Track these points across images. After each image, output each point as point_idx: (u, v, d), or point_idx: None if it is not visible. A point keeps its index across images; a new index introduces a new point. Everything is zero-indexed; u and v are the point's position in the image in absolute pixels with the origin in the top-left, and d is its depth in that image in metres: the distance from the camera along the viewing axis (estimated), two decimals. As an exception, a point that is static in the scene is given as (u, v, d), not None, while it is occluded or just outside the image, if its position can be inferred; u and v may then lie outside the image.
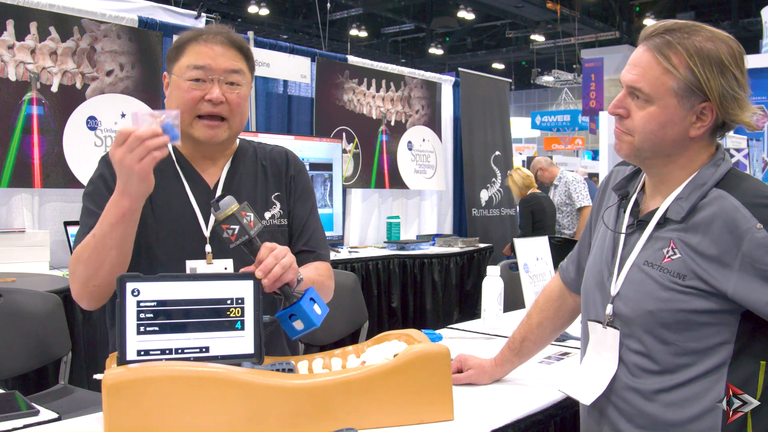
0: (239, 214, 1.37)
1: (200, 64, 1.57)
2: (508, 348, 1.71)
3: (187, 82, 1.57)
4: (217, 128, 1.59)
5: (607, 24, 18.02)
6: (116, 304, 1.26)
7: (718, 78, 1.26)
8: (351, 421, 1.33)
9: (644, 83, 1.29)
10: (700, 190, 1.30)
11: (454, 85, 6.72)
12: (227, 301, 1.32)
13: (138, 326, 1.26)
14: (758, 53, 12.52)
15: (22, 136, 3.69)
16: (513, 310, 2.62)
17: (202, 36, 1.60)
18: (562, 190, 6.10)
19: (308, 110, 5.42)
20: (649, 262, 1.33)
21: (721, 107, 1.28)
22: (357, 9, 17.16)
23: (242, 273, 1.35)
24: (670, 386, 1.31)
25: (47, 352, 2.51)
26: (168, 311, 1.29)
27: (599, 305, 1.42)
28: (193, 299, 1.31)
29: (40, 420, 1.47)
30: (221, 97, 1.57)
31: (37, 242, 3.52)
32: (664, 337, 1.30)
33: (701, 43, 1.27)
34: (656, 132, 1.30)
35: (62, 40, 3.84)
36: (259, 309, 1.34)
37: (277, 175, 1.74)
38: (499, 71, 20.66)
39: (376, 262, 4.86)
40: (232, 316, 1.32)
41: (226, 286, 1.33)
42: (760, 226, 1.22)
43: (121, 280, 1.26)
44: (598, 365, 1.41)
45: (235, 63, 1.60)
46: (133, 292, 1.26)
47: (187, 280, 1.32)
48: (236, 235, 1.37)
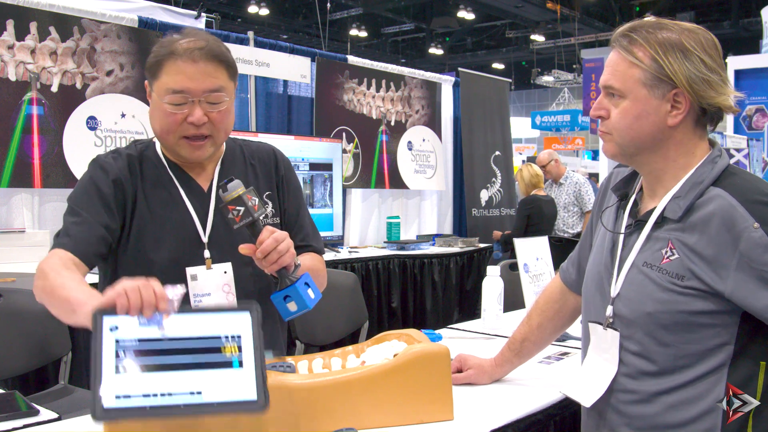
0: (245, 197, 1.41)
1: (179, 88, 1.51)
2: (508, 348, 1.71)
3: (168, 105, 1.53)
4: (202, 147, 1.58)
5: (607, 24, 18.02)
6: (91, 341, 1.08)
7: (683, 63, 1.27)
8: (351, 421, 1.33)
9: (614, 80, 1.32)
10: (697, 188, 1.29)
11: (454, 85, 6.72)
12: (221, 338, 1.14)
13: (117, 366, 1.07)
14: (758, 53, 12.52)
15: (22, 136, 3.69)
16: (513, 310, 2.62)
17: (179, 51, 1.52)
18: (571, 190, 6.08)
19: (308, 110, 5.42)
20: (648, 263, 1.32)
21: (691, 91, 1.28)
22: (357, 9, 17.16)
23: (237, 305, 1.25)
24: (670, 388, 1.30)
25: (47, 352, 2.51)
26: (152, 349, 1.10)
27: (599, 307, 1.41)
28: (181, 336, 1.13)
29: (40, 420, 1.47)
30: (203, 118, 1.54)
31: (37, 242, 3.52)
32: (663, 339, 1.30)
33: (664, 34, 1.30)
34: (633, 125, 1.32)
35: (62, 40, 3.84)
36: (260, 344, 1.15)
37: (266, 174, 1.74)
38: (499, 71, 20.66)
39: (376, 262, 4.86)
40: (228, 353, 1.14)
41: (219, 321, 1.16)
42: (757, 225, 1.22)
43: (97, 316, 1.10)
44: (599, 367, 1.41)
45: (215, 80, 1.54)
46: (111, 328, 1.10)
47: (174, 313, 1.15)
48: (241, 216, 1.41)
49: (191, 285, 1.59)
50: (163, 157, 1.65)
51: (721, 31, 18.15)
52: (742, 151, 10.01)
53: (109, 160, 1.61)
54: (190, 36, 1.56)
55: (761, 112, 12.16)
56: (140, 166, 1.62)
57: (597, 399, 1.39)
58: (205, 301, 1.60)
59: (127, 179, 1.60)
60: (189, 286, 1.59)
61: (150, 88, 1.59)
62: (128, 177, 1.60)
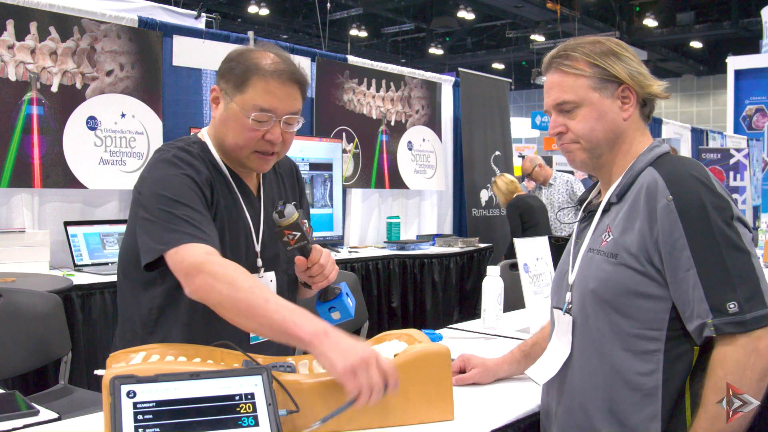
0: (300, 222, 1.51)
1: (267, 107, 1.56)
2: (519, 349, 1.78)
3: (252, 122, 1.56)
4: (270, 161, 1.65)
5: (607, 24, 18.01)
6: (111, 407, 1.14)
7: (618, 62, 1.43)
8: (351, 421, 1.33)
9: (566, 94, 1.45)
10: (633, 171, 1.42)
11: (454, 85, 6.72)
12: (235, 398, 1.20)
13: (136, 428, 1.13)
14: (758, 53, 12.52)
15: (22, 136, 3.69)
16: (513, 310, 2.62)
17: (269, 71, 1.56)
18: (563, 188, 6.13)
19: (308, 110, 5.42)
20: (591, 248, 1.45)
21: (635, 83, 1.44)
22: (357, 9, 17.15)
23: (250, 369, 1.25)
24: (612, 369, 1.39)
25: (47, 352, 2.51)
26: (169, 411, 1.16)
27: (562, 293, 1.52)
28: (196, 398, 1.18)
29: (40, 420, 1.47)
30: (280, 137, 1.60)
31: (37, 242, 3.52)
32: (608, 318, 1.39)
33: (589, 46, 1.45)
34: (596, 127, 1.44)
35: (62, 40, 3.84)
36: (273, 402, 1.21)
37: (291, 184, 1.85)
38: (499, 71, 20.66)
39: (376, 262, 4.86)
40: (243, 412, 1.19)
41: (232, 383, 1.21)
42: (671, 198, 1.31)
43: (115, 382, 1.15)
44: (557, 349, 1.51)
45: (296, 103, 1.61)
46: (129, 394, 1.15)
47: (187, 379, 1.20)
48: (296, 240, 1.50)
49: None
50: (220, 161, 1.66)
51: (721, 31, 18.16)
52: (742, 151, 10.01)
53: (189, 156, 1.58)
54: (270, 50, 1.61)
55: (761, 112, 12.15)
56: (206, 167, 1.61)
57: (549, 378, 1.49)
58: None
59: (208, 179, 1.58)
60: None
61: (227, 98, 1.59)
62: (208, 177, 1.59)
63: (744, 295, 1.26)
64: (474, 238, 5.85)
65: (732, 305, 1.26)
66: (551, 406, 1.52)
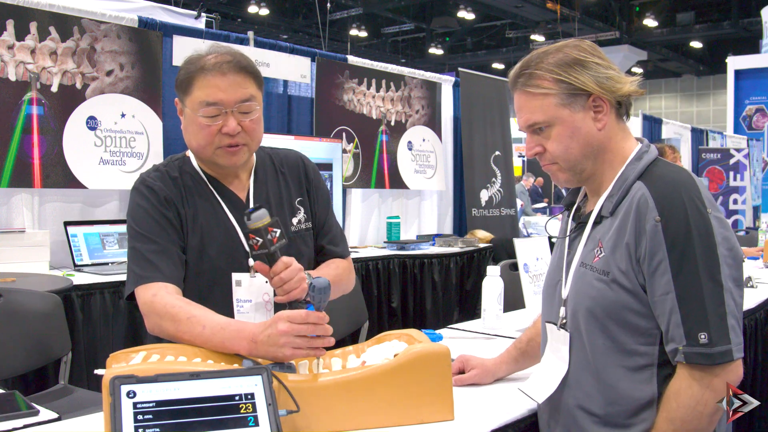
0: (266, 230, 1.46)
1: (212, 100, 1.59)
2: (514, 346, 1.76)
3: (203, 118, 1.60)
4: (238, 153, 1.65)
5: (607, 24, 18.01)
6: (111, 407, 1.14)
7: (584, 72, 1.38)
8: (351, 421, 1.33)
9: (536, 116, 1.41)
10: (624, 184, 1.39)
11: (454, 85, 6.72)
12: (235, 398, 1.20)
13: (136, 428, 1.13)
14: (758, 53, 12.51)
15: (22, 136, 3.68)
16: (513, 310, 2.62)
17: (209, 65, 1.60)
18: None
19: (308, 110, 5.42)
20: (584, 263, 1.42)
21: (605, 90, 1.38)
22: (357, 9, 17.16)
23: (250, 369, 1.27)
24: (608, 385, 1.39)
25: (47, 352, 2.51)
26: (169, 411, 1.16)
27: (555, 307, 1.49)
28: (196, 398, 1.18)
29: (40, 420, 1.47)
30: (237, 128, 1.61)
31: (37, 242, 3.52)
32: (602, 334, 1.38)
33: (552, 58, 1.40)
34: (571, 145, 1.41)
35: (62, 40, 3.83)
36: (273, 402, 1.21)
37: (296, 181, 1.83)
38: (499, 71, 20.65)
39: (376, 262, 4.86)
40: (243, 411, 1.19)
41: (232, 383, 1.22)
42: (658, 219, 1.30)
43: (115, 382, 1.16)
44: (553, 365, 1.49)
45: (246, 90, 1.62)
46: (129, 394, 1.16)
47: (187, 379, 1.20)
48: (259, 246, 1.46)
49: (235, 290, 1.66)
50: (201, 171, 1.71)
51: (721, 31, 18.17)
52: (742, 151, 10.00)
53: (156, 181, 1.67)
54: (215, 51, 1.64)
55: (761, 112, 12.14)
56: (182, 181, 1.69)
57: (549, 395, 1.46)
58: (246, 307, 1.65)
59: (177, 197, 1.66)
60: (233, 291, 1.66)
61: (182, 105, 1.66)
62: (176, 194, 1.66)
63: (713, 327, 1.27)
64: (474, 238, 5.82)
65: (703, 336, 1.27)
66: (544, 418, 1.53)
